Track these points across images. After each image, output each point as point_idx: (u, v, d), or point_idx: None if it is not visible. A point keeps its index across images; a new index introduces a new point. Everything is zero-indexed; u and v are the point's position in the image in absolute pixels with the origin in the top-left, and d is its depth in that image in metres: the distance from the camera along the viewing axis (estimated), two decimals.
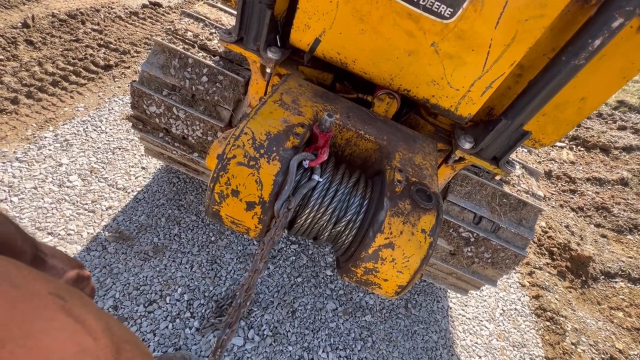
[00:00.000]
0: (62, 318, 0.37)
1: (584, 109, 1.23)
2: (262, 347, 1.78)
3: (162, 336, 1.67)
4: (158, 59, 1.67)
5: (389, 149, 1.18)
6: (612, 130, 5.07)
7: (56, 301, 0.38)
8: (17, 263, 0.37)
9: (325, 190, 1.05)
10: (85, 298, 0.45)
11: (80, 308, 0.41)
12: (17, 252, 0.57)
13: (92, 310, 0.43)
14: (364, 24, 1.12)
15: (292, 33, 1.22)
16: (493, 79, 1.12)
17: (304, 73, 1.45)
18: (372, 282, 1.04)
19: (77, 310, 0.40)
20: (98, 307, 0.47)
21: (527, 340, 2.47)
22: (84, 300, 0.44)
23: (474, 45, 1.06)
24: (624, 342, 2.67)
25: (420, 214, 1.00)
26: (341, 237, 1.07)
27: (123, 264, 1.86)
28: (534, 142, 1.39)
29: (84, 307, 0.42)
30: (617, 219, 3.74)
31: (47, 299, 0.37)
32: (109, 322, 0.46)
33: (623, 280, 3.14)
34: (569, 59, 1.01)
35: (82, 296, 0.45)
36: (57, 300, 0.38)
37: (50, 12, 3.43)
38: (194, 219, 2.20)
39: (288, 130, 1.04)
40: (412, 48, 1.13)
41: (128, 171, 2.31)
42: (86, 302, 0.44)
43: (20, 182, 2.00)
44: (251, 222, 1.02)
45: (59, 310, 0.37)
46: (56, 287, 0.40)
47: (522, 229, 1.73)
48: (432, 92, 1.22)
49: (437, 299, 2.43)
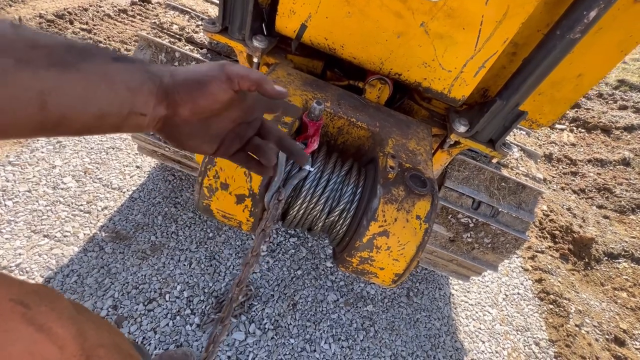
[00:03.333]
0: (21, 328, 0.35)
1: (581, 86, 1.19)
2: (264, 341, 1.77)
3: (163, 334, 1.66)
4: (144, 54, 1.64)
5: (381, 136, 1.15)
6: (613, 110, 5.00)
7: (16, 309, 0.35)
8: None
9: (317, 180, 1.03)
10: (59, 302, 0.42)
11: (46, 315, 0.38)
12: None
13: (63, 316, 0.41)
14: (350, 6, 1.08)
15: (277, 20, 1.18)
16: (486, 58, 1.08)
17: (292, 62, 1.42)
18: (368, 271, 1.02)
19: (42, 317, 0.37)
20: (72, 310, 0.44)
21: (530, 324, 2.47)
22: (54, 304, 0.41)
23: (464, 23, 1.02)
24: (628, 322, 2.66)
25: (414, 200, 0.97)
26: (335, 227, 1.05)
27: (121, 264, 1.85)
28: (531, 123, 1.36)
29: (52, 314, 0.39)
30: (620, 199, 3.71)
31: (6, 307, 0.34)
32: (83, 326, 0.43)
33: (626, 260, 3.12)
34: (564, 33, 0.97)
35: (54, 300, 0.42)
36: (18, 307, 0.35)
37: (38, 13, 3.37)
38: (191, 215, 2.18)
39: (276, 120, 1.01)
40: (401, 29, 1.09)
41: (122, 170, 2.29)
42: (57, 307, 0.41)
43: (14, 185, 1.99)
44: (242, 216, 1.00)
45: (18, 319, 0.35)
46: (21, 292, 0.37)
47: (522, 213, 1.71)
48: (424, 74, 1.18)
49: (439, 286, 2.42)
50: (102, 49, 0.42)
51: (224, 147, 0.58)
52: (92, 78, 0.39)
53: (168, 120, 0.49)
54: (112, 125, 0.43)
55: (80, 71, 0.38)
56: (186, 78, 0.48)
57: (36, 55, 0.35)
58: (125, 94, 0.42)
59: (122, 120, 0.43)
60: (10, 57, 0.33)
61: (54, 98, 0.36)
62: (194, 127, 0.51)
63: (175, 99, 0.47)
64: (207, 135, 0.54)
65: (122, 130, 0.45)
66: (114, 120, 0.43)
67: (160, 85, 0.46)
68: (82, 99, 0.38)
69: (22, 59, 0.34)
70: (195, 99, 0.48)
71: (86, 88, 0.38)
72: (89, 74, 0.39)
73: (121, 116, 0.43)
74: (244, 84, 0.50)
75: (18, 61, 0.34)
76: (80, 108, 0.39)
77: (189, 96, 0.47)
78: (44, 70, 0.35)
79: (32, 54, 0.35)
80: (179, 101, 0.47)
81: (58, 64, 0.36)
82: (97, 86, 0.39)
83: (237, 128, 0.58)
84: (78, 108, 0.38)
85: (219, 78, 0.49)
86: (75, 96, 0.38)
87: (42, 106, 0.35)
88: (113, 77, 0.41)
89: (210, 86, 0.48)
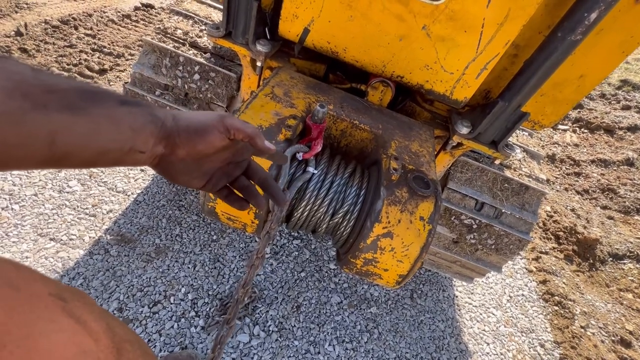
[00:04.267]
0: (63, 319, 0.37)
1: (583, 87, 1.20)
2: (268, 343, 1.78)
3: (168, 336, 1.67)
4: (149, 59, 1.66)
5: (384, 138, 1.16)
6: (616, 110, 4.98)
7: (57, 302, 0.38)
8: (17, 264, 0.37)
9: (320, 182, 1.04)
10: (88, 298, 0.46)
11: (81, 309, 0.41)
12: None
13: (94, 311, 0.43)
14: (352, 10, 1.09)
15: (281, 24, 1.19)
16: (487, 60, 1.09)
17: (295, 65, 1.43)
18: (372, 272, 1.03)
19: (78, 311, 0.40)
20: (100, 307, 0.47)
21: (535, 326, 2.45)
22: (85, 300, 0.44)
23: (466, 26, 1.03)
24: (634, 323, 2.64)
25: (418, 201, 0.98)
26: (339, 228, 1.06)
27: (126, 267, 1.86)
28: (534, 124, 1.36)
29: (85, 308, 0.42)
30: (624, 200, 3.69)
31: (47, 300, 0.37)
32: (111, 322, 0.46)
33: (632, 261, 3.10)
34: (565, 34, 0.98)
35: (84, 296, 0.45)
36: (58, 301, 0.38)
37: (43, 19, 3.42)
38: (195, 218, 2.20)
39: (280, 123, 1.03)
40: (403, 32, 1.10)
41: (127, 174, 2.31)
42: (88, 303, 0.44)
43: (21, 189, 2.01)
44: (247, 218, 1.01)
45: (59, 311, 0.37)
46: (57, 288, 0.40)
47: (525, 214, 1.71)
48: (426, 77, 1.19)
49: (443, 288, 2.41)
50: (111, 93, 0.47)
51: (211, 183, 0.64)
52: (101, 120, 0.44)
53: (165, 157, 0.54)
54: (111, 160, 0.48)
55: (89, 114, 0.42)
56: (188, 125, 0.53)
57: (51, 99, 0.39)
58: (128, 133, 0.47)
59: (123, 156, 0.48)
60: (29, 101, 0.37)
61: (62, 137, 0.40)
62: (188, 166, 0.57)
63: (175, 141, 0.52)
64: (198, 172, 0.60)
65: (120, 164, 0.50)
66: (115, 155, 0.47)
67: (162, 128, 0.51)
68: (87, 138, 0.42)
69: (38, 103, 0.38)
70: (195, 144, 0.54)
71: (93, 129, 0.43)
72: (98, 117, 0.43)
73: (122, 152, 0.47)
74: (239, 135, 0.57)
75: (35, 105, 0.37)
76: (84, 145, 0.43)
77: (188, 141, 0.53)
78: (57, 113, 0.39)
79: (48, 97, 0.39)
80: (178, 143, 0.53)
81: (70, 107, 0.40)
82: (103, 127, 0.44)
83: (226, 167, 0.64)
84: (83, 145, 0.42)
85: (217, 128, 0.55)
86: (82, 135, 0.42)
87: (51, 145, 0.39)
88: (119, 119, 0.46)
89: (209, 135, 0.54)
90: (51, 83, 0.40)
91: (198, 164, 0.58)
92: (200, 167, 0.59)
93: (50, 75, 0.41)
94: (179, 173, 0.58)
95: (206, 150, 0.55)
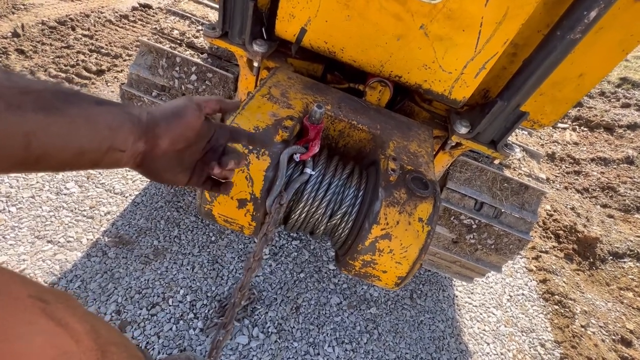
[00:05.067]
0: (42, 321, 0.36)
1: (582, 85, 1.19)
2: (267, 345, 1.77)
3: (167, 338, 1.66)
4: (145, 60, 1.65)
5: (382, 138, 1.15)
6: (616, 108, 4.97)
7: (37, 304, 0.37)
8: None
9: (318, 184, 1.02)
10: (72, 301, 0.45)
11: (63, 311, 0.40)
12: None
13: (77, 313, 0.43)
14: (349, 9, 1.08)
15: (277, 24, 1.18)
16: (486, 59, 1.08)
17: (293, 65, 1.42)
18: (371, 274, 1.02)
19: (60, 313, 0.39)
20: (85, 309, 0.46)
21: (535, 325, 2.45)
22: (69, 302, 0.43)
23: (464, 25, 1.02)
24: (634, 322, 2.64)
25: (416, 202, 0.97)
26: (337, 230, 1.05)
27: (124, 269, 1.85)
28: (533, 123, 1.35)
29: (68, 310, 0.41)
30: (624, 198, 3.68)
31: (27, 302, 0.36)
32: (96, 324, 0.45)
33: (632, 260, 3.09)
34: (564, 33, 0.97)
35: (68, 299, 0.44)
36: (38, 303, 0.37)
37: (40, 20, 3.40)
38: (194, 220, 2.19)
39: (277, 124, 1.02)
40: (401, 32, 1.09)
41: (125, 175, 2.30)
42: (71, 305, 0.43)
43: (18, 191, 2.00)
44: (244, 220, 1.00)
45: (39, 313, 0.36)
46: (38, 290, 0.39)
47: (525, 213, 1.70)
48: (424, 76, 1.18)
49: (443, 288, 2.41)
50: (87, 94, 0.47)
51: (195, 176, 0.67)
52: (77, 120, 0.44)
53: (147, 155, 0.55)
54: (90, 161, 0.48)
55: (65, 114, 0.42)
56: (164, 113, 0.56)
57: (25, 100, 0.39)
58: (106, 132, 0.47)
59: (101, 155, 0.48)
60: (2, 101, 0.36)
61: (38, 139, 0.40)
62: (170, 160, 0.59)
63: (155, 132, 0.54)
64: (180, 167, 0.62)
65: (100, 166, 0.50)
66: (93, 156, 0.47)
67: (139, 123, 0.52)
68: (64, 138, 0.43)
69: (12, 104, 0.37)
70: (174, 127, 0.56)
71: (70, 129, 0.43)
72: (74, 117, 0.43)
73: (100, 152, 0.48)
74: (210, 105, 0.61)
75: (9, 105, 0.37)
76: (61, 146, 0.43)
77: (168, 127, 0.55)
78: (32, 114, 0.39)
79: (22, 99, 0.38)
80: (159, 134, 0.54)
81: (45, 107, 0.40)
82: (80, 127, 0.44)
83: (205, 157, 0.67)
84: (59, 146, 0.43)
85: (190, 107, 0.58)
86: (59, 136, 0.42)
87: (27, 146, 0.39)
88: (96, 118, 0.46)
89: (186, 116, 0.57)
90: (25, 85, 0.39)
91: (179, 158, 0.61)
92: (181, 161, 0.62)
93: (23, 77, 0.41)
94: (163, 170, 0.59)
95: (186, 132, 0.57)
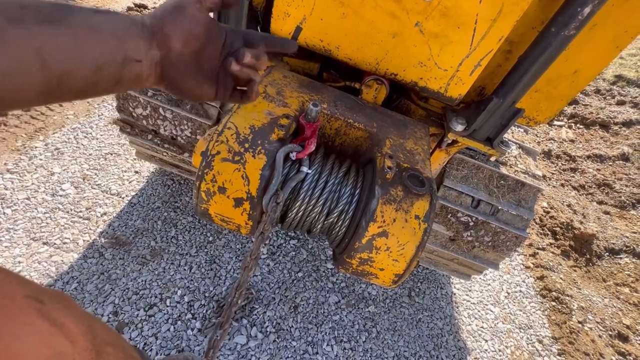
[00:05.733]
0: (37, 321, 0.36)
1: (577, 82, 1.19)
2: (266, 344, 1.77)
3: (165, 339, 1.66)
4: None
5: (379, 136, 1.15)
6: (611, 105, 5.00)
7: (32, 304, 0.37)
8: None
9: (314, 182, 1.02)
10: (69, 301, 0.45)
11: (59, 311, 0.40)
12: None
13: (73, 314, 0.42)
14: (344, 7, 1.08)
15: (272, 22, 1.18)
16: (481, 56, 1.08)
17: (288, 64, 1.42)
18: (368, 272, 1.02)
19: (56, 313, 0.39)
20: (83, 310, 0.46)
21: (533, 322, 2.46)
22: (66, 303, 0.43)
23: (459, 22, 1.02)
24: (631, 317, 2.66)
25: (413, 200, 0.97)
26: (334, 228, 1.05)
27: (121, 270, 1.84)
28: (529, 120, 1.36)
29: (64, 311, 0.41)
30: (620, 194, 3.70)
31: (22, 303, 0.36)
32: (93, 325, 0.45)
33: (628, 255, 3.11)
34: (559, 30, 0.97)
35: (65, 299, 0.44)
36: (34, 303, 0.37)
37: None
38: (191, 220, 2.18)
39: (273, 123, 1.01)
40: (396, 30, 1.09)
41: (121, 176, 2.29)
42: (68, 305, 0.43)
43: (13, 193, 1.98)
44: (241, 219, 1.00)
45: (34, 313, 0.36)
46: (34, 290, 0.39)
47: (522, 210, 1.70)
48: (420, 74, 1.18)
49: (441, 285, 2.41)
50: (83, 6, 0.46)
51: (221, 89, 0.64)
52: (81, 31, 0.43)
53: (165, 61, 0.54)
54: (112, 78, 0.47)
55: (69, 26, 0.41)
56: (165, 11, 0.54)
57: (26, 13, 0.38)
58: (114, 42, 0.46)
59: (120, 69, 0.47)
60: (2, 16, 0.35)
61: (50, 55, 0.39)
62: (189, 66, 0.57)
63: (163, 32, 0.52)
64: (201, 74, 0.60)
65: (124, 83, 0.48)
66: (112, 71, 0.46)
67: (144, 27, 0.50)
68: (76, 52, 0.42)
69: (13, 18, 0.36)
70: (180, 23, 0.54)
71: (77, 41, 0.42)
72: (77, 27, 0.42)
73: (117, 65, 0.46)
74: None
75: (10, 20, 0.36)
76: (77, 62, 0.42)
77: (173, 24, 0.53)
78: (36, 27, 0.38)
79: (22, 12, 0.37)
80: (167, 32, 0.52)
81: (48, 19, 0.39)
82: (86, 38, 0.43)
83: (225, 64, 0.64)
84: (75, 62, 0.42)
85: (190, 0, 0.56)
86: (69, 50, 0.41)
87: (42, 64, 0.38)
88: (99, 27, 0.45)
89: (188, 9, 0.55)
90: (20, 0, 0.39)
91: (197, 63, 0.59)
92: (201, 67, 0.60)
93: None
94: (186, 77, 0.58)
95: (194, 27, 0.55)
